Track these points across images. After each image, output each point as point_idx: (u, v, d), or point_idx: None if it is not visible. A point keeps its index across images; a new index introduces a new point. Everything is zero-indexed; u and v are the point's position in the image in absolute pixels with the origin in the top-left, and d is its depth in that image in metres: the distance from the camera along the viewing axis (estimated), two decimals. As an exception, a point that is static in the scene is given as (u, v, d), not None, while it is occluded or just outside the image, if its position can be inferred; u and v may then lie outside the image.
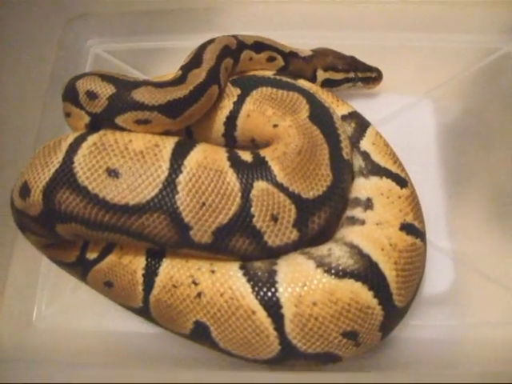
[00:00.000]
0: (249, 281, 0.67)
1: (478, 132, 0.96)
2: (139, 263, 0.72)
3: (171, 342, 0.79)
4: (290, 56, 0.90)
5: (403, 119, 0.97)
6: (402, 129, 0.93)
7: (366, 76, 0.93)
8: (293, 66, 0.90)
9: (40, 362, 0.60)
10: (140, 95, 0.69)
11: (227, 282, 0.67)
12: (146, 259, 0.72)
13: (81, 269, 0.77)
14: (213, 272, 0.68)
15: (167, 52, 1.05)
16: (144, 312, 0.74)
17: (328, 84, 0.92)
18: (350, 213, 0.75)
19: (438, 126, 0.96)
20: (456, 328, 0.83)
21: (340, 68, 0.91)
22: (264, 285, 0.66)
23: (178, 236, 0.65)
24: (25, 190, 0.68)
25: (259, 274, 0.67)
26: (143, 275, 0.71)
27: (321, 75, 0.91)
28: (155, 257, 0.72)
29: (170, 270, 0.70)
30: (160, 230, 0.65)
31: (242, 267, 0.68)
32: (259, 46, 0.87)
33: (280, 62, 0.89)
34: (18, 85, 1.00)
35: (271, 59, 0.89)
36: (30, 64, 1.03)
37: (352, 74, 0.92)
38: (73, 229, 0.68)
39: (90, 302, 0.87)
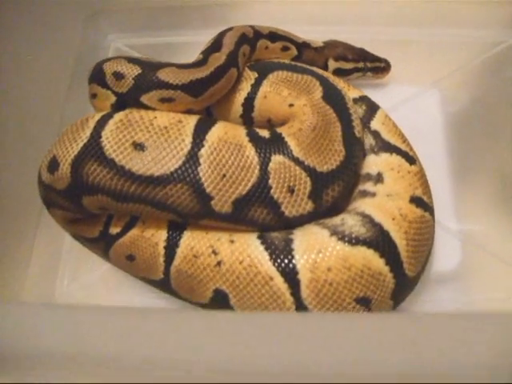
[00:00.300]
0: (266, 249, 0.69)
1: (483, 120, 0.99)
2: (161, 236, 0.75)
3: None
4: (302, 46, 0.94)
5: (410, 108, 1.00)
6: (409, 117, 0.95)
7: (375, 66, 0.96)
8: (305, 55, 0.94)
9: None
10: (165, 75, 0.73)
11: (246, 250, 0.70)
12: (168, 232, 0.74)
13: (103, 244, 0.80)
14: (232, 242, 0.71)
15: (186, 46, 1.08)
16: (164, 284, 0.76)
17: (339, 73, 0.95)
18: (361, 187, 0.79)
19: (444, 115, 0.99)
20: (463, 304, 0.85)
21: (350, 58, 0.95)
22: (281, 252, 0.69)
23: (199, 206, 0.68)
24: (53, 165, 0.71)
25: (276, 242, 0.70)
26: (165, 247, 0.74)
27: (332, 65, 0.95)
28: (176, 230, 0.74)
29: (191, 241, 0.73)
30: (183, 200, 0.68)
31: (259, 237, 0.71)
32: (274, 35, 0.91)
33: (293, 51, 0.93)
34: (41, 78, 1.03)
35: (285, 49, 0.93)
36: (53, 58, 1.06)
37: (361, 64, 0.95)
38: (99, 201, 0.70)
39: (112, 279, 0.90)
